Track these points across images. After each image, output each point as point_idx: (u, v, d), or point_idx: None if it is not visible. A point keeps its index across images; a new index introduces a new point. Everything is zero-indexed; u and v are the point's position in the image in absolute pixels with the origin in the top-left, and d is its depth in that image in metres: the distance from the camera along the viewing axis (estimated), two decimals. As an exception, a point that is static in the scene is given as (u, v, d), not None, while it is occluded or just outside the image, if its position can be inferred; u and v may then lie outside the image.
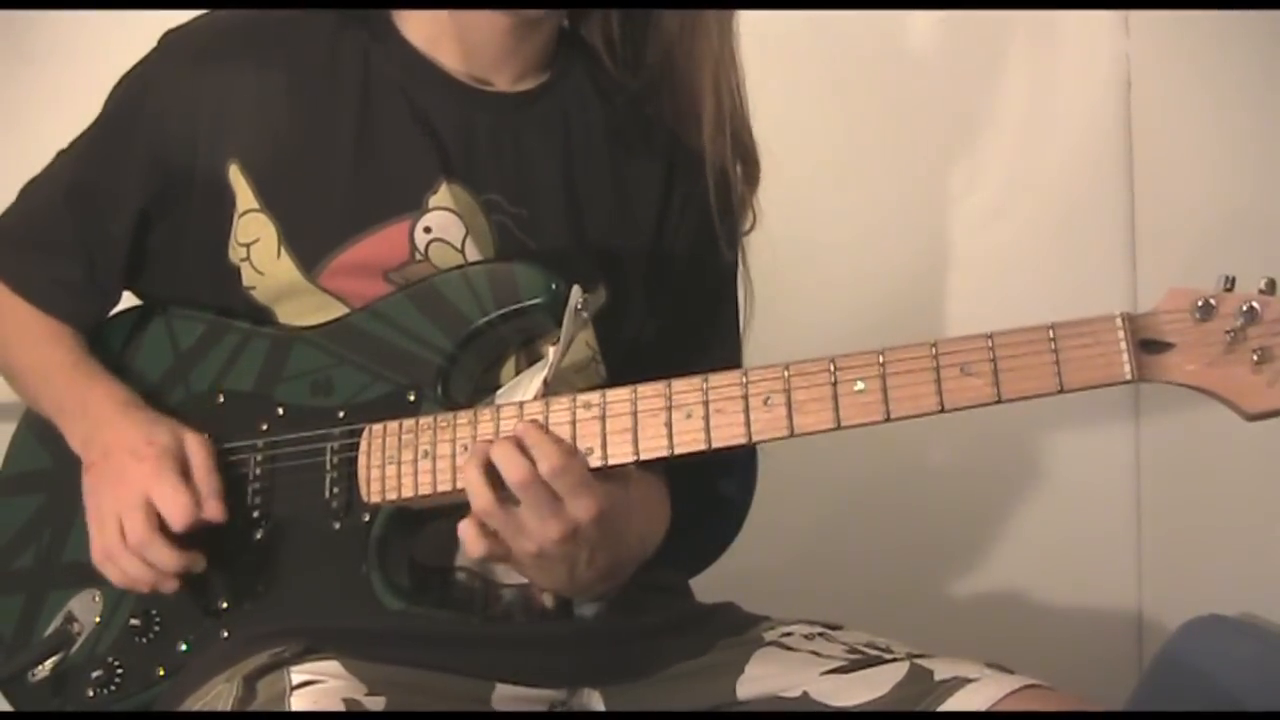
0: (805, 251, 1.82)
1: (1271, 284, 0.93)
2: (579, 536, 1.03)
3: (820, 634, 1.17)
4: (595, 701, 1.14)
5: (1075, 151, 1.96)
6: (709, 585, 1.37)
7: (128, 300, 1.32)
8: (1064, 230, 1.94)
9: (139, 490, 1.13)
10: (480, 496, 1.02)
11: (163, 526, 1.12)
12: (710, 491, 1.31)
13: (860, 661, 1.09)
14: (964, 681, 1.03)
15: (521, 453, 1.01)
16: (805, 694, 1.07)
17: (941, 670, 1.05)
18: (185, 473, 1.15)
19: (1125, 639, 2.00)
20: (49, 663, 1.20)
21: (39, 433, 1.28)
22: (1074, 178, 1.96)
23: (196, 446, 1.17)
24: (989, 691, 1.02)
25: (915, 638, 1.13)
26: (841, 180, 1.94)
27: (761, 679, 1.11)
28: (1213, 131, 1.76)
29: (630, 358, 1.16)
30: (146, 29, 1.27)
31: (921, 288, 1.97)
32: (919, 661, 1.07)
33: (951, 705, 1.02)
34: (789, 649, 1.14)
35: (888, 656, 1.10)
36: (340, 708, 0.99)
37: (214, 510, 1.14)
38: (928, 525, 1.99)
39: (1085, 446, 2.00)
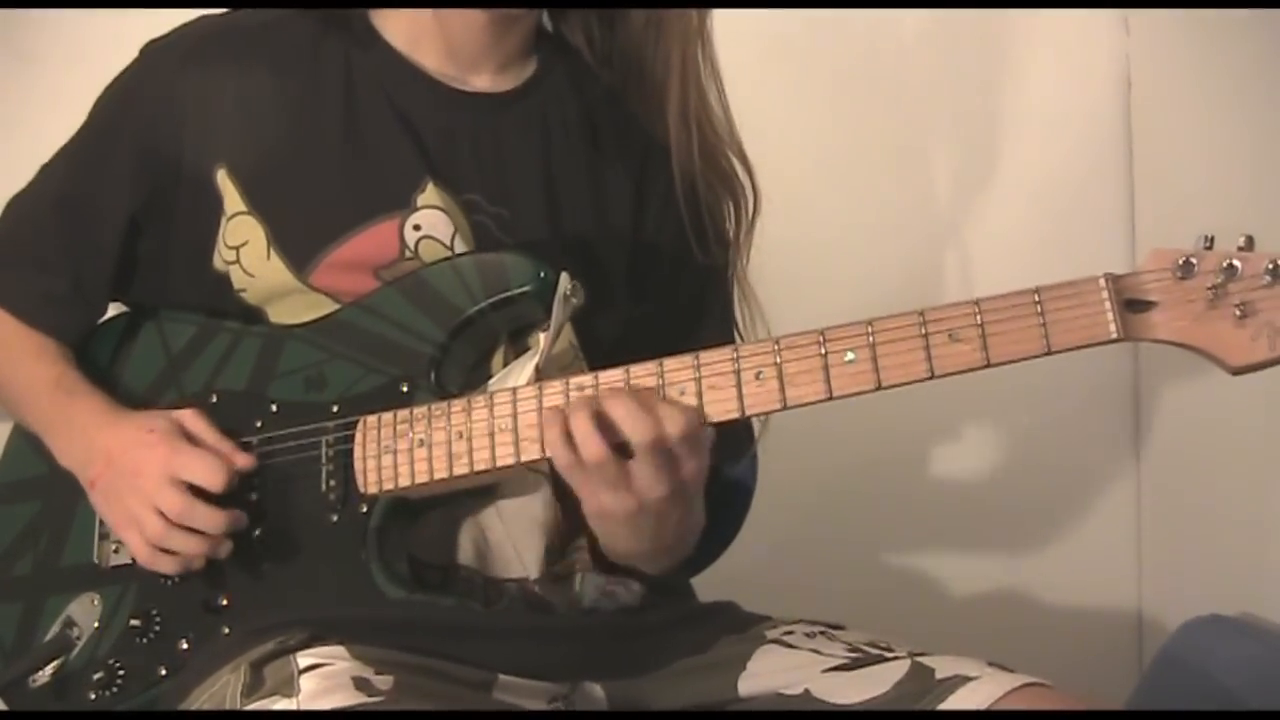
0: (805, 251, 1.83)
1: (1250, 241, 0.94)
2: (681, 494, 1.04)
3: (821, 633, 1.17)
4: (597, 695, 1.14)
5: (1075, 151, 1.96)
6: (709, 585, 1.37)
7: (114, 309, 1.32)
8: (1064, 230, 1.94)
9: (162, 472, 1.13)
10: (593, 446, 1.01)
11: (196, 495, 1.13)
12: (717, 483, 1.31)
13: (862, 660, 1.09)
14: (964, 680, 1.03)
15: (646, 412, 1.01)
16: (807, 691, 1.08)
17: (942, 668, 1.05)
18: (195, 444, 1.15)
19: (1125, 639, 2.00)
20: (49, 668, 1.19)
21: (33, 440, 1.29)
22: (1074, 178, 1.96)
23: (194, 419, 1.17)
24: (989, 690, 1.02)
25: (915, 636, 1.13)
26: (840, 181, 1.95)
27: (763, 676, 1.12)
28: (1213, 131, 1.76)
29: (615, 355, 1.16)
30: (147, 29, 1.27)
31: (921, 288, 1.96)
32: (920, 660, 1.07)
33: (952, 703, 1.01)
34: (791, 647, 1.14)
35: (889, 655, 1.10)
36: (350, 687, 0.99)
37: (244, 460, 1.15)
38: (929, 526, 1.99)
39: (1085, 447, 2.01)
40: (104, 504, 1.18)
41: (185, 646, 1.16)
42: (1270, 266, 0.92)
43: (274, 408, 1.19)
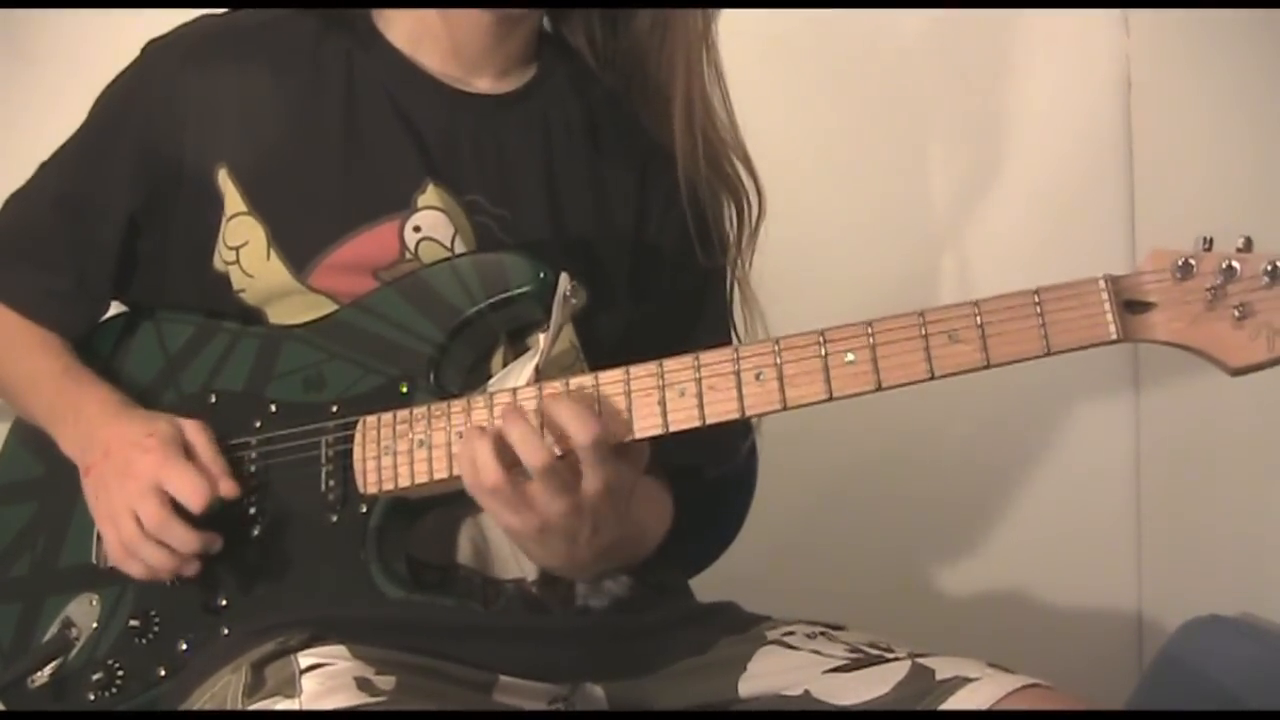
0: (805, 251, 1.82)
1: (1249, 242, 0.94)
2: (584, 510, 1.03)
3: (822, 633, 1.17)
4: (598, 696, 1.14)
5: (1075, 151, 1.96)
6: (709, 585, 1.37)
7: (115, 308, 1.32)
8: (1064, 230, 1.94)
9: (149, 479, 1.13)
10: (490, 472, 1.01)
11: (177, 510, 1.12)
12: (712, 486, 1.31)
13: (862, 660, 1.09)
14: (965, 681, 1.03)
15: (539, 433, 1.01)
16: (807, 692, 1.07)
17: (943, 669, 1.05)
18: (190, 458, 1.15)
19: (1125, 639, 2.00)
20: (48, 669, 1.19)
21: (29, 442, 1.29)
22: (1074, 178, 1.96)
23: (196, 432, 1.17)
24: (990, 690, 1.01)
25: (915, 637, 1.13)
26: (840, 182, 1.95)
27: (764, 676, 1.11)
28: (1213, 131, 1.76)
29: (617, 355, 1.17)
30: (147, 29, 1.27)
31: (921, 289, 1.97)
32: (920, 660, 1.07)
33: (952, 704, 1.01)
34: (791, 648, 1.14)
35: (889, 656, 1.09)
36: (352, 687, 0.99)
37: (228, 487, 1.15)
38: (929, 526, 1.99)
39: (1085, 446, 2.01)
40: (93, 495, 1.18)
41: (184, 647, 1.16)
42: (1269, 267, 0.92)
43: (273, 408, 1.19)
